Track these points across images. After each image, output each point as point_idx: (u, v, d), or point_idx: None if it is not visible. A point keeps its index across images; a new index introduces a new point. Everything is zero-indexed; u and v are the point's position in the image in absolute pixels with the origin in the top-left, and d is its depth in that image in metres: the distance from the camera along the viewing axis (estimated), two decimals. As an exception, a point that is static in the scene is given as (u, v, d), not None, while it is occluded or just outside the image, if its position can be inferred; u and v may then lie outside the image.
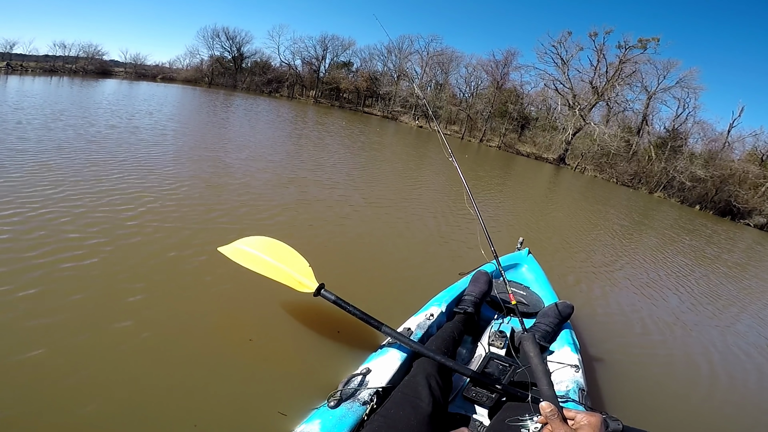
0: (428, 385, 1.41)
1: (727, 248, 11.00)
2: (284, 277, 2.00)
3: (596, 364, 2.67)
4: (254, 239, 2.21)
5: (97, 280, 2.28)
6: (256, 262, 2.06)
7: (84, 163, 4.32)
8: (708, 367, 3.23)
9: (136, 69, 34.28)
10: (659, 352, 3.25)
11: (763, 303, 5.99)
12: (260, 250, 2.12)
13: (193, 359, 1.83)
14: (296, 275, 1.98)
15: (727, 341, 3.88)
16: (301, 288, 1.95)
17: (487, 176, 12.14)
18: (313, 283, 1.93)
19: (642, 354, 3.11)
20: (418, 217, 5.11)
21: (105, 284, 2.26)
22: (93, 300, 2.11)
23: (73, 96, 11.45)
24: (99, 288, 2.22)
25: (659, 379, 2.80)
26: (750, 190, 24.35)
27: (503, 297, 2.40)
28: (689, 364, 3.20)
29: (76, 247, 2.58)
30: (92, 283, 2.24)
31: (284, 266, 2.02)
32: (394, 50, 38.31)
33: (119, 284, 2.28)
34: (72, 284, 2.20)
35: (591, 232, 7.46)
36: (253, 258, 2.09)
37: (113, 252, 2.61)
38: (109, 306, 2.07)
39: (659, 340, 3.46)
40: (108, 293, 2.19)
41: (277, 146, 8.06)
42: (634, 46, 28.13)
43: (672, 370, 3.00)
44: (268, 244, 2.16)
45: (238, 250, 2.16)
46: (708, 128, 29.06)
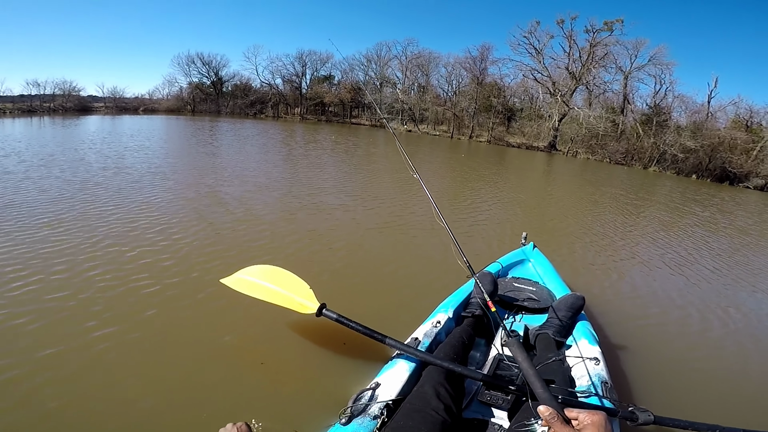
0: (437, 393, 1.40)
1: (738, 214, 10.94)
2: (286, 302, 2.08)
3: (618, 353, 2.55)
4: (254, 268, 2.31)
5: (110, 319, 2.36)
6: (258, 290, 2.16)
7: (78, 213, 4.15)
8: (734, 340, 3.06)
9: (117, 103, 34.09)
10: (681, 330, 3.08)
11: None
12: (261, 277, 2.22)
13: (207, 385, 1.91)
14: (297, 298, 2.06)
15: (750, 310, 3.71)
16: (303, 310, 2.02)
17: (482, 170, 12.07)
18: (315, 304, 2.01)
19: (663, 336, 2.95)
20: (417, 226, 4.99)
21: (116, 322, 2.32)
22: (105, 338, 2.18)
23: (59, 138, 11.23)
24: (113, 322, 2.31)
25: (685, 359, 2.65)
26: (742, 155, 24.64)
27: (511, 295, 2.40)
28: (714, 339, 3.03)
29: (84, 288, 2.63)
30: (104, 322, 2.31)
31: (285, 291, 2.11)
32: (374, 58, 38.68)
33: (128, 323, 2.33)
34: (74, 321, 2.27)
35: (595, 215, 7.35)
36: (254, 286, 2.19)
37: (122, 295, 2.64)
38: (123, 348, 2.12)
39: (679, 319, 3.29)
40: (118, 331, 2.25)
41: (269, 172, 7.89)
42: (600, 29, 28.85)
43: (697, 348, 2.85)
44: (267, 272, 2.26)
45: (240, 279, 2.27)
46: (689, 101, 29.71)
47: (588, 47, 29.23)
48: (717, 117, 28.89)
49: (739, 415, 2.17)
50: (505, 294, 2.41)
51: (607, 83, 30.59)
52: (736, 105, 28.77)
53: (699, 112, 29.12)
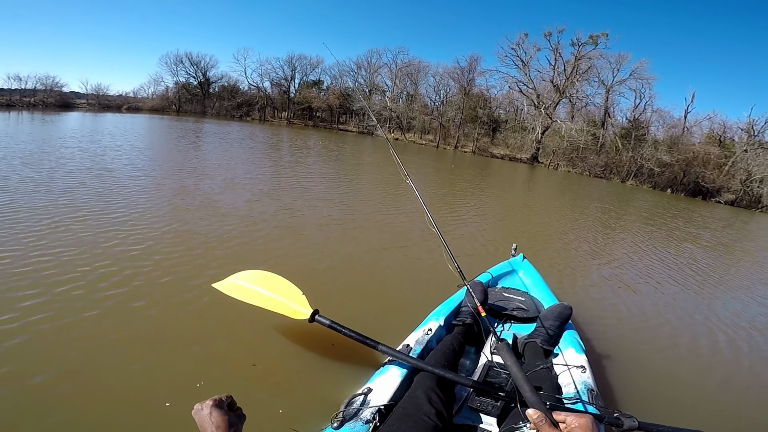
0: (429, 399, 1.42)
1: (710, 228, 11.42)
2: (279, 307, 2.07)
3: (604, 361, 2.65)
4: (247, 273, 2.29)
5: (99, 319, 2.34)
6: (251, 295, 2.15)
7: (54, 220, 3.91)
8: (713, 349, 3.24)
9: (99, 100, 33.32)
10: (664, 341, 3.23)
11: (754, 279, 6.19)
12: (253, 282, 2.20)
13: (196, 389, 1.88)
14: (290, 304, 2.05)
15: (731, 320, 3.92)
16: (296, 316, 2.02)
17: (468, 182, 12.28)
18: (308, 310, 2.01)
19: (647, 345, 3.09)
20: (408, 234, 5.06)
21: (104, 324, 2.29)
22: (98, 339, 2.16)
23: (37, 133, 10.93)
24: (102, 322, 2.27)
25: (668, 369, 2.78)
26: (715, 170, 25.70)
27: (501, 304, 2.46)
28: (696, 349, 3.20)
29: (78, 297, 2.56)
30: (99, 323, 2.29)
31: (278, 296, 2.10)
32: (364, 65, 38.88)
33: (116, 327, 2.29)
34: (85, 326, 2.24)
35: (577, 228, 7.60)
36: (247, 291, 2.17)
37: (111, 298, 2.60)
38: (110, 351, 2.09)
39: (662, 330, 3.44)
40: (105, 332, 2.22)
41: (260, 179, 7.78)
42: (586, 43, 29.68)
43: (679, 358, 2.99)
44: (260, 277, 2.25)
45: (232, 284, 2.24)
46: (666, 115, 30.92)
47: (573, 60, 29.98)
48: (692, 132, 30.16)
49: (719, 422, 2.30)
50: (495, 303, 2.46)
51: (589, 96, 31.54)
52: (710, 120, 30.10)
53: (676, 126, 30.27)
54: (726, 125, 29.42)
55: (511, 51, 31.65)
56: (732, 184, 24.77)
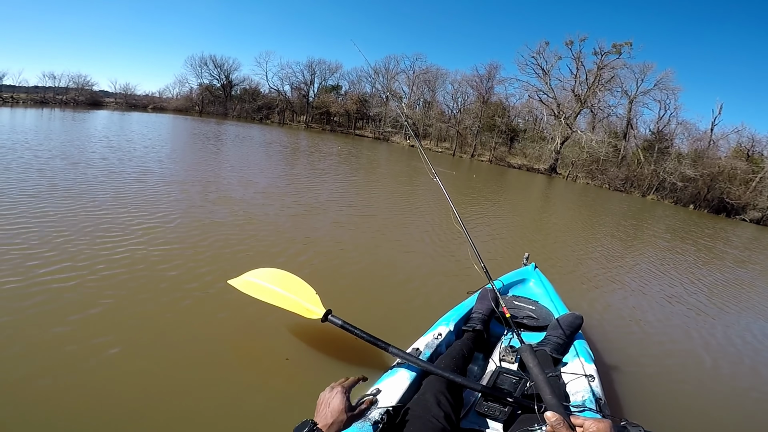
0: (438, 402, 1.43)
1: (733, 245, 11.09)
2: (292, 306, 2.09)
3: (612, 371, 2.65)
4: (262, 271, 2.32)
5: (123, 315, 2.41)
6: (265, 293, 2.18)
7: (72, 211, 4.17)
8: (727, 364, 3.22)
9: (127, 99, 34.61)
10: (675, 353, 3.23)
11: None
12: (268, 280, 2.23)
13: (204, 383, 1.95)
14: (304, 303, 2.08)
15: (743, 336, 3.89)
16: (309, 315, 2.04)
17: (484, 191, 12.23)
18: (321, 310, 2.04)
19: (658, 357, 3.08)
20: (420, 239, 5.14)
21: (130, 320, 2.37)
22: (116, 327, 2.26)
23: (68, 130, 11.41)
24: (126, 321, 2.35)
25: (678, 381, 2.79)
26: (741, 186, 24.82)
27: (512, 312, 2.43)
28: (706, 362, 3.19)
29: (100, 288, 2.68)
30: (118, 318, 2.38)
31: (292, 295, 2.12)
32: (381, 71, 39.20)
33: (129, 321, 2.37)
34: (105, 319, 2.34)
35: (593, 240, 7.49)
36: (261, 289, 2.20)
37: (132, 291, 2.71)
38: (124, 346, 2.14)
39: (674, 342, 3.44)
40: (130, 328, 2.29)
41: (279, 178, 8.09)
42: (609, 52, 29.00)
43: (689, 371, 2.99)
44: (275, 275, 2.27)
45: (247, 282, 2.28)
46: (691, 128, 29.87)
47: (595, 69, 29.35)
48: (719, 145, 29.02)
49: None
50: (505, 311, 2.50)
51: (611, 107, 30.82)
52: (738, 133, 28.95)
53: (701, 139, 29.25)
54: (755, 139, 28.39)
55: (532, 59, 31.25)
56: (759, 201, 23.87)
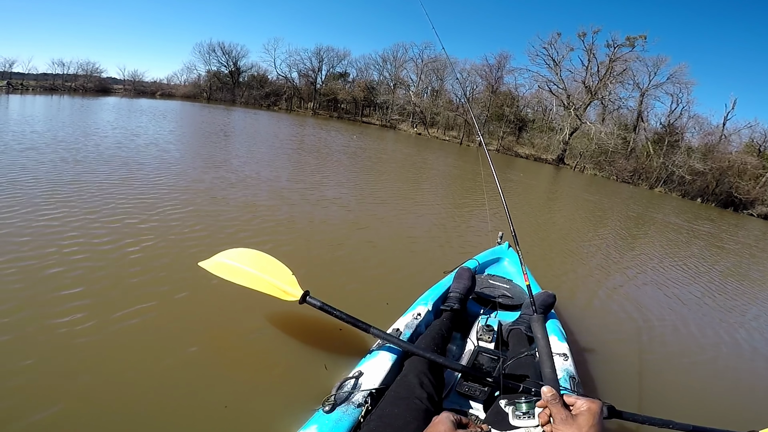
0: (420, 382, 1.44)
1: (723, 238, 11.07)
2: (268, 287, 2.00)
3: (584, 350, 2.71)
4: (235, 251, 2.20)
5: (95, 293, 2.33)
6: (239, 274, 2.07)
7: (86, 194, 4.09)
8: (691, 343, 3.35)
9: (135, 86, 34.64)
10: (642, 333, 3.32)
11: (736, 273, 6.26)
12: (242, 261, 2.12)
13: (182, 371, 1.85)
14: (280, 284, 1.98)
15: (707, 313, 4.08)
16: (285, 297, 1.95)
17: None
18: (298, 291, 1.94)
19: (626, 337, 3.18)
20: (398, 220, 5.12)
21: (90, 299, 2.27)
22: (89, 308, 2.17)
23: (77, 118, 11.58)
24: (98, 298, 2.28)
25: (645, 360, 2.87)
26: (750, 181, 24.54)
27: (487, 292, 2.50)
28: (674, 343, 3.29)
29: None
30: (93, 288, 2.35)
31: (267, 276, 2.02)
32: (389, 59, 38.81)
33: (111, 300, 2.29)
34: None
35: (578, 225, 7.60)
36: (235, 270, 2.09)
37: (100, 270, 2.61)
38: (92, 332, 2.02)
39: (642, 322, 3.54)
40: (102, 304, 2.23)
41: (269, 163, 7.96)
42: (622, 45, 28.45)
43: (656, 351, 3.08)
44: (249, 256, 2.16)
45: (220, 263, 2.16)
46: (703, 122, 29.44)
47: (607, 62, 28.89)
48: (731, 140, 28.60)
49: (690, 413, 2.39)
50: (482, 290, 2.51)
51: (622, 99, 30.38)
52: (751, 128, 28.49)
53: (713, 134, 28.84)
54: (767, 134, 28.04)
55: (543, 50, 30.85)
56: (767, 197, 23.65)
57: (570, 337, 2.79)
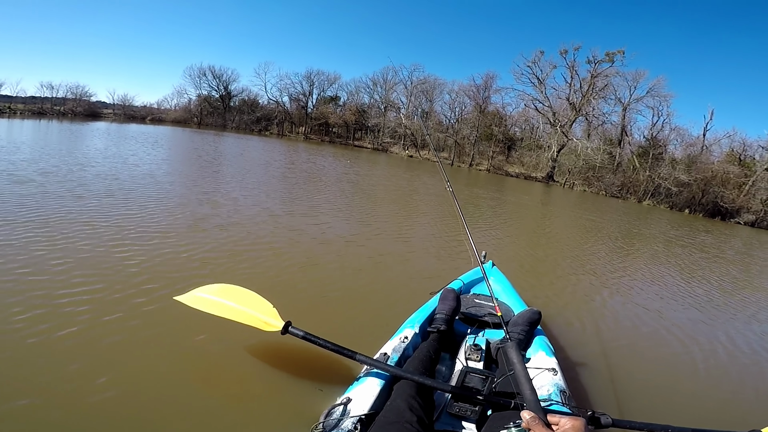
0: (410, 406, 1.44)
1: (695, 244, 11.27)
2: (249, 319, 1.99)
3: (573, 364, 2.72)
4: (212, 287, 2.18)
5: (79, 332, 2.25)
6: (217, 307, 2.05)
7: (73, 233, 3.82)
8: (682, 350, 3.42)
9: (125, 110, 34.76)
10: (632, 342, 3.38)
11: (720, 282, 6.39)
12: (219, 295, 2.11)
13: (168, 409, 1.79)
14: (261, 316, 1.98)
15: (689, 325, 4.13)
16: (267, 327, 1.94)
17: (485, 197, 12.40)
18: (280, 322, 1.93)
19: (616, 346, 3.21)
20: (379, 246, 5.03)
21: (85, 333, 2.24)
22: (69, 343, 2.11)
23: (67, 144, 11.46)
24: (81, 330, 2.23)
25: (640, 366, 2.94)
26: (734, 189, 25.20)
27: (473, 311, 2.52)
28: (662, 352, 3.35)
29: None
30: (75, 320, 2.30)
31: (247, 308, 2.02)
32: (380, 82, 39.61)
33: (95, 335, 2.23)
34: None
35: (559, 240, 7.72)
36: (213, 304, 2.08)
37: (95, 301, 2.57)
38: (60, 367, 1.93)
39: (629, 331, 3.61)
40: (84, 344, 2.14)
41: (250, 188, 7.98)
42: (602, 60, 29.51)
43: (647, 359, 3.14)
44: (227, 290, 2.15)
45: (197, 297, 2.14)
46: (684, 133, 30.44)
47: (589, 78, 29.85)
48: (711, 150, 29.52)
49: (687, 417, 2.45)
50: (468, 310, 2.52)
51: (606, 114, 31.25)
52: (730, 138, 29.45)
53: (694, 144, 29.76)
54: (746, 143, 28.91)
55: (527, 69, 31.75)
56: (752, 204, 24.23)
57: (560, 350, 2.81)
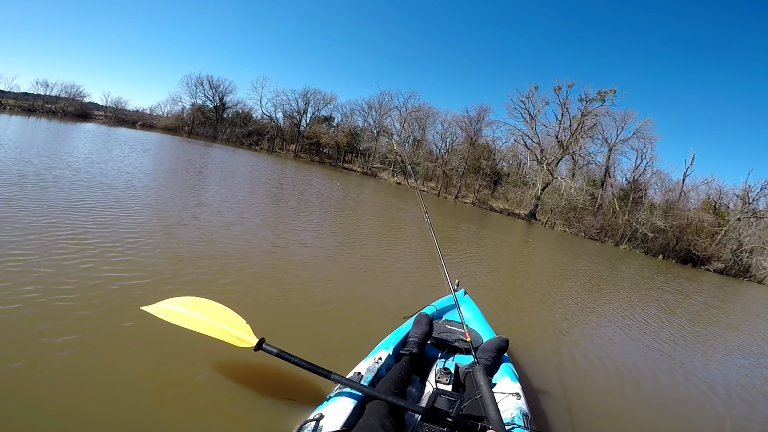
0: (382, 425, 1.48)
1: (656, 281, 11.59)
2: (221, 333, 1.89)
3: (536, 390, 2.87)
4: (182, 299, 2.06)
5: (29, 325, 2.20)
6: (187, 320, 1.93)
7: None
8: (634, 384, 3.61)
9: (116, 114, 34.54)
10: (589, 375, 3.56)
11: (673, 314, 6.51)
12: (189, 308, 1.99)
13: (127, 423, 1.72)
14: (233, 331, 1.89)
15: (643, 353, 4.44)
16: (239, 343, 1.87)
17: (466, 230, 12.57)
18: (253, 338, 1.88)
19: (574, 376, 3.38)
20: (358, 267, 5.13)
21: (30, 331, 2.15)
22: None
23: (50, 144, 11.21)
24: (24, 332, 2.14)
25: (595, 395, 3.12)
26: (707, 238, 26.13)
27: (444, 336, 2.63)
28: (617, 378, 3.59)
29: None
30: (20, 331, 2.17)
31: (219, 323, 1.92)
32: (375, 106, 40.23)
33: (23, 349, 2.07)
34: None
35: (537, 279, 7.87)
36: (182, 316, 1.95)
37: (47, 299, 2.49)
38: (16, 384, 1.84)
39: (587, 365, 3.77)
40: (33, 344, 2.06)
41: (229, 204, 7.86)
42: (593, 99, 30.44)
43: (605, 385, 3.38)
44: (197, 303, 2.02)
45: (165, 309, 2.01)
46: (665, 177, 31.53)
47: (579, 116, 30.64)
48: (689, 196, 30.64)
49: None
50: (439, 335, 2.60)
51: (591, 155, 32.12)
52: (707, 184, 30.67)
53: (673, 190, 30.81)
54: (722, 191, 30.07)
55: (520, 104, 32.46)
56: (723, 254, 25.17)
57: (524, 376, 2.95)
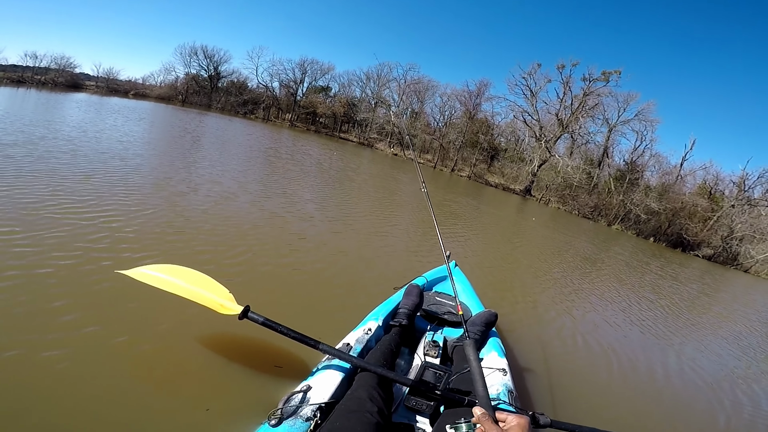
0: (371, 397, 1.46)
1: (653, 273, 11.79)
2: (203, 299, 1.82)
3: (521, 367, 2.89)
4: (161, 266, 1.96)
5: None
6: (167, 285, 1.86)
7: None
8: (616, 360, 3.70)
9: (108, 83, 33.66)
10: (578, 350, 3.63)
11: (654, 299, 6.72)
12: (171, 274, 1.91)
13: (116, 393, 1.69)
14: (216, 298, 1.82)
15: (635, 339, 4.49)
16: (223, 311, 1.79)
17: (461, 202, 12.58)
18: (237, 306, 1.80)
19: (561, 352, 3.44)
20: (349, 235, 5.11)
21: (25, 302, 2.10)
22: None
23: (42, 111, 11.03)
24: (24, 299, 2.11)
25: (578, 374, 3.16)
26: (699, 223, 26.22)
27: (434, 309, 2.59)
28: (602, 357, 3.65)
29: None
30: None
31: (200, 289, 1.85)
32: (373, 77, 39.32)
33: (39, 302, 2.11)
34: None
35: (529, 254, 7.87)
36: (161, 281, 1.88)
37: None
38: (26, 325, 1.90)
39: (575, 339, 3.85)
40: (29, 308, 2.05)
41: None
42: (597, 79, 29.71)
43: (588, 365, 3.41)
44: (178, 271, 1.93)
45: (143, 274, 1.92)
46: (663, 161, 31.27)
47: (581, 95, 30.09)
48: (686, 180, 30.46)
49: (616, 421, 2.66)
50: (429, 307, 2.57)
51: (591, 134, 31.71)
52: (705, 170, 30.42)
53: (670, 173, 30.63)
54: (719, 177, 29.87)
55: (522, 80, 31.91)
56: (713, 240, 25.33)
57: (510, 352, 2.93)
